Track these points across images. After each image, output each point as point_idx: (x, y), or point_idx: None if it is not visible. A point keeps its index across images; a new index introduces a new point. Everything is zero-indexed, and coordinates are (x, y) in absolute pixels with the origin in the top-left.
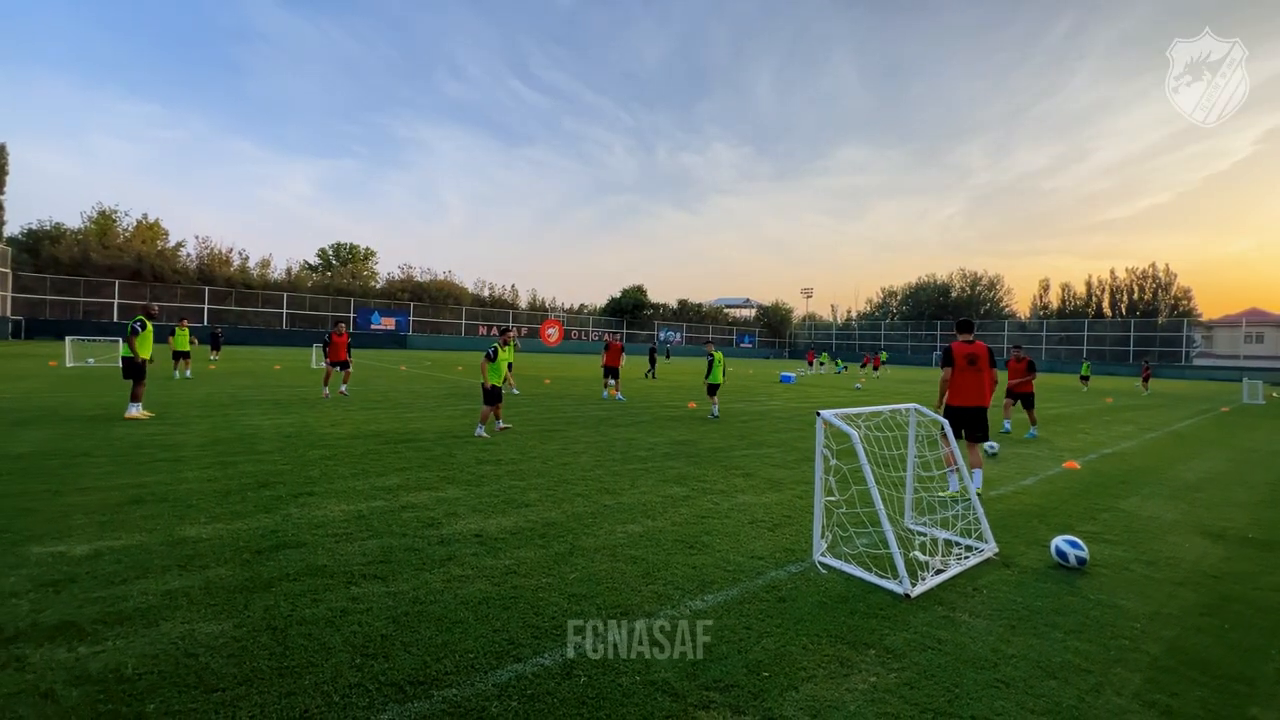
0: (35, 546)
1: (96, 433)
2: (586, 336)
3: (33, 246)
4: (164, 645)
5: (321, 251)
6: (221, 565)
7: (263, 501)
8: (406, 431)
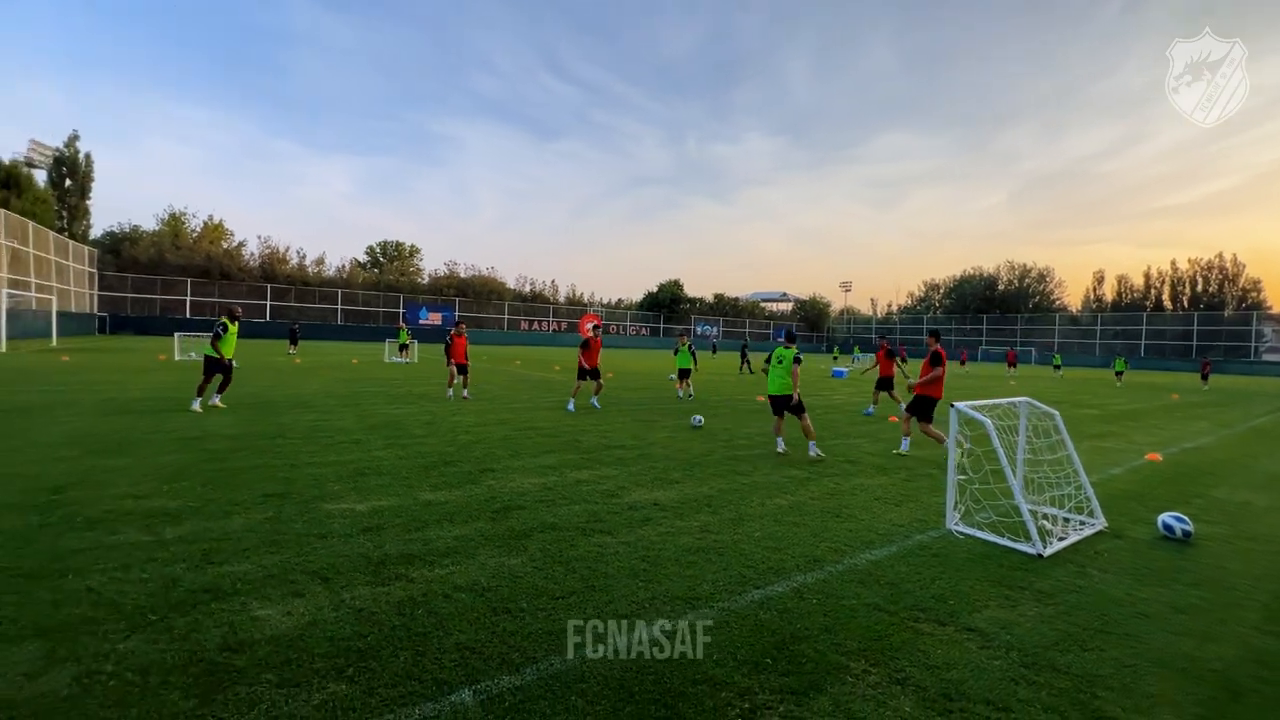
0: (327, 504)
1: (268, 419)
2: (624, 331)
3: (114, 248)
4: (491, 569)
5: (370, 249)
6: (477, 520)
7: (460, 475)
8: (523, 421)
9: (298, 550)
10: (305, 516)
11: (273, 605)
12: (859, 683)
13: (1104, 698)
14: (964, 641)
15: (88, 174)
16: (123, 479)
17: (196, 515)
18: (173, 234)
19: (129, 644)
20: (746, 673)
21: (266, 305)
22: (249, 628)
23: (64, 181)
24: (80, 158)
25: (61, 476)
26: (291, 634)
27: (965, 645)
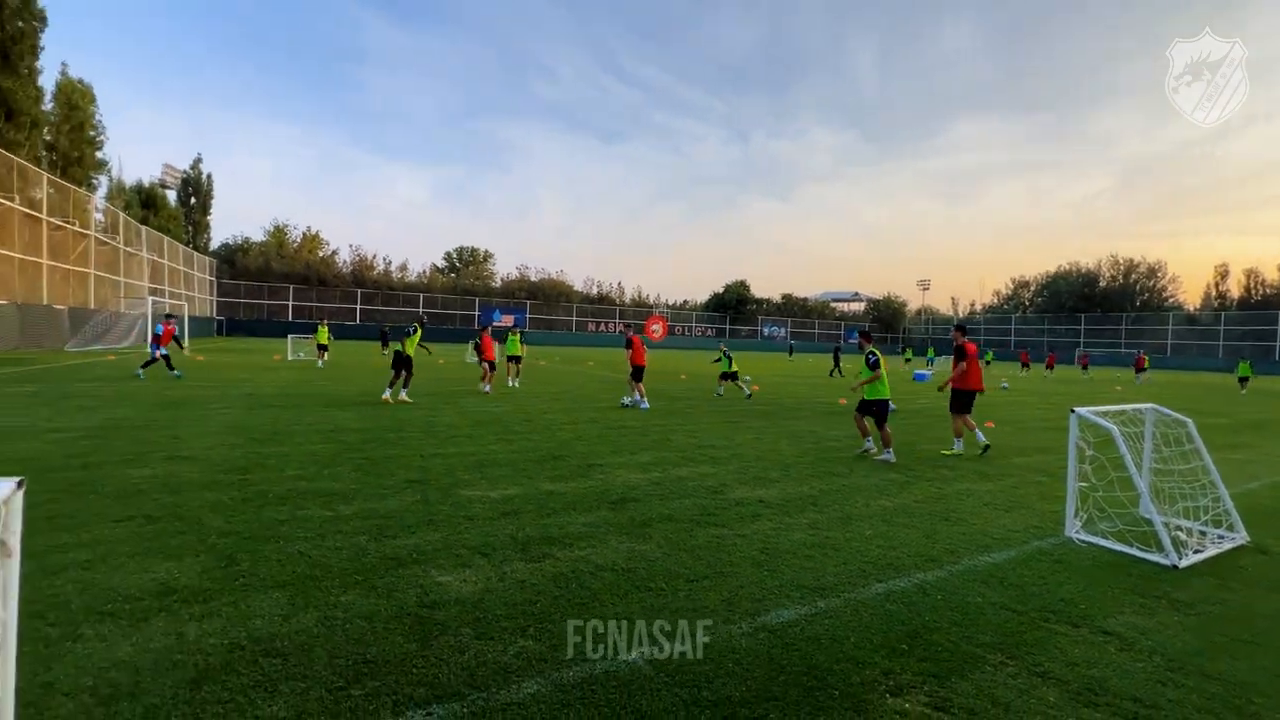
0: (463, 491)
1: (385, 414)
2: (690, 332)
3: (229, 258)
4: (624, 553)
5: (447, 254)
6: (599, 510)
7: (571, 469)
8: (611, 420)
9: (452, 529)
10: (449, 501)
11: (448, 574)
12: (998, 672)
13: (1260, 704)
14: (1102, 644)
15: (208, 192)
16: (288, 464)
17: (359, 496)
18: (277, 244)
19: (348, 597)
20: (885, 655)
21: (356, 309)
22: (436, 590)
23: (190, 199)
24: (203, 178)
25: (240, 460)
26: (472, 598)
27: (1104, 647)
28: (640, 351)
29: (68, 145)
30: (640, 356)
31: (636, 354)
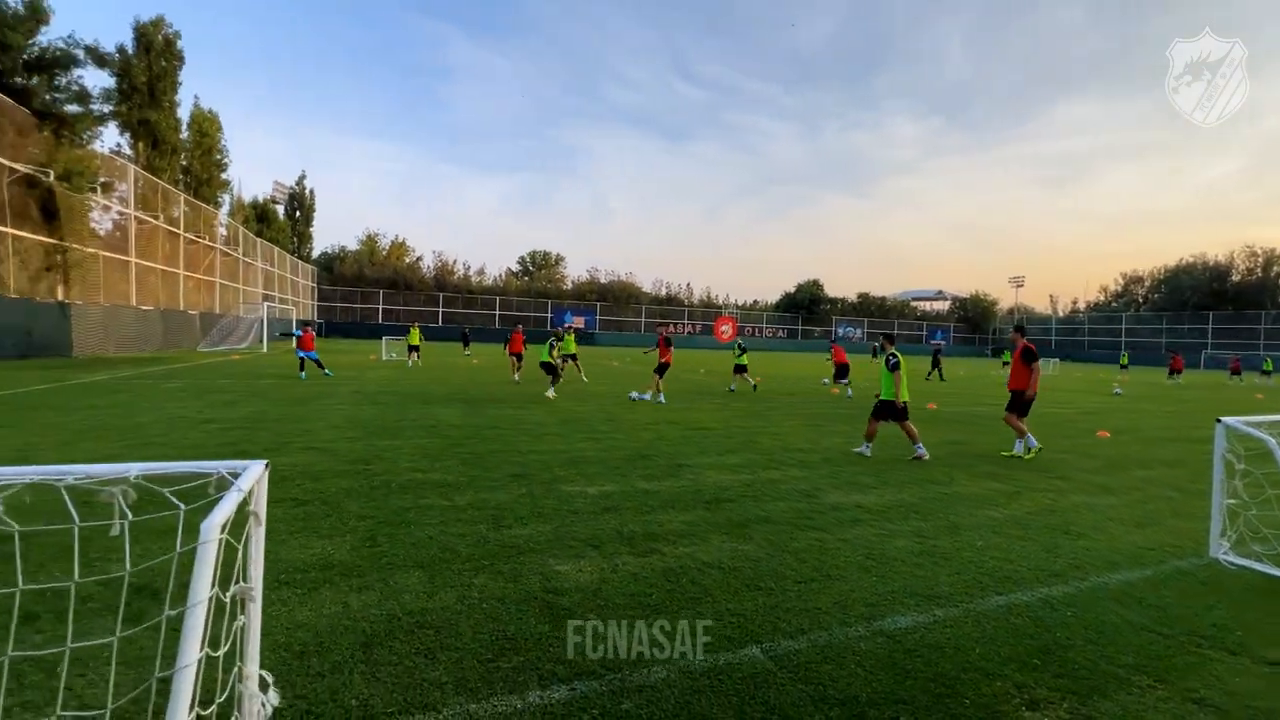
0: (564, 486)
1: (479, 412)
2: (760, 333)
3: (328, 265)
4: (728, 552)
5: (521, 259)
6: (696, 509)
7: (661, 469)
8: (692, 421)
9: (561, 522)
10: (552, 495)
11: (564, 563)
12: (1146, 695)
13: None
14: (1268, 674)
15: (311, 205)
16: (401, 456)
17: (470, 488)
18: (369, 252)
19: (479, 580)
20: (1016, 669)
21: (439, 312)
22: (557, 578)
23: (295, 213)
24: (306, 193)
25: (361, 452)
26: (591, 586)
27: (1271, 678)
28: (666, 350)
29: (199, 168)
30: (667, 355)
31: (663, 352)
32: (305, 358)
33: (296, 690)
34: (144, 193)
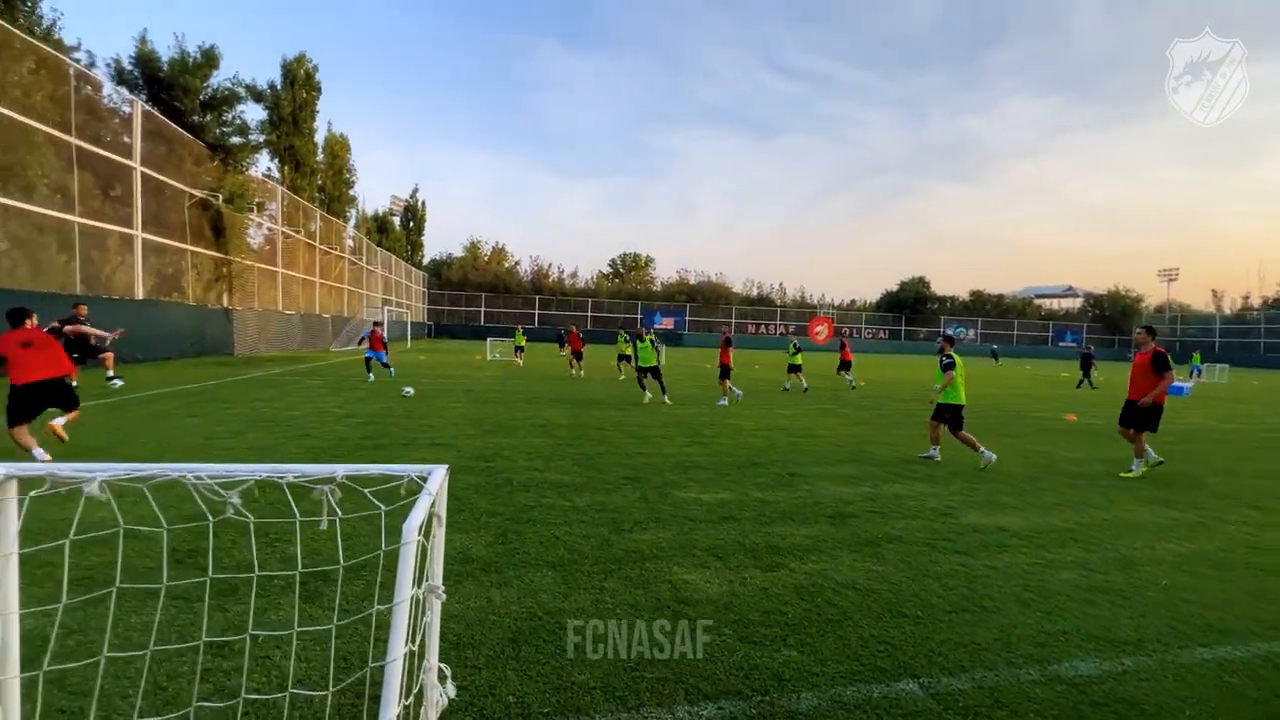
0: (677, 491)
1: (584, 413)
2: (859, 335)
3: (437, 271)
4: (862, 572)
5: (612, 261)
6: (818, 523)
7: (773, 478)
8: (799, 427)
9: (679, 529)
10: (667, 501)
11: (690, 572)
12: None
13: None
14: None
15: (422, 216)
16: (518, 455)
17: (587, 489)
18: (472, 258)
19: (610, 584)
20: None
21: (535, 314)
22: (685, 588)
23: (409, 223)
24: (419, 204)
25: (481, 449)
26: (722, 599)
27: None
28: (726, 352)
29: (331, 186)
30: (726, 356)
31: (724, 353)
32: (372, 358)
33: (458, 682)
34: (288, 210)
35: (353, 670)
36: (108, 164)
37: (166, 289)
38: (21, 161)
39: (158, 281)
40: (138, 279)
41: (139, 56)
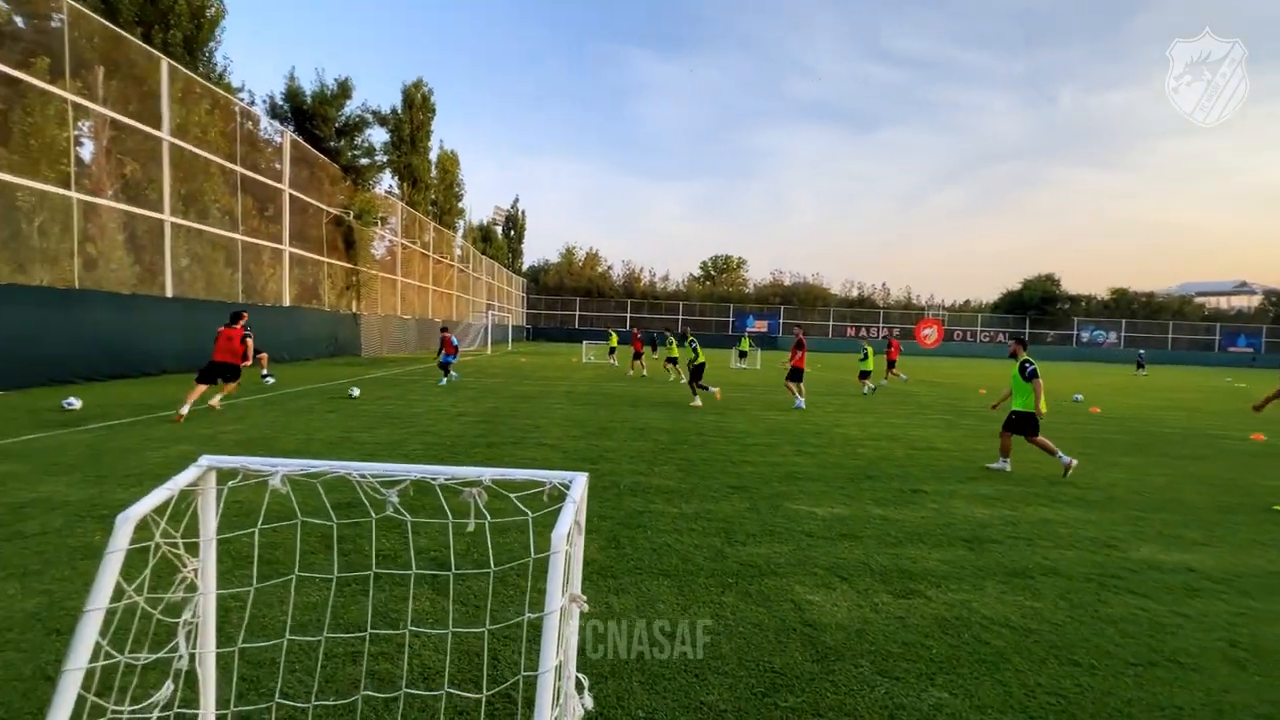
0: (788, 504)
1: (681, 417)
2: (974, 338)
3: (535, 277)
4: (1013, 607)
5: (703, 264)
6: (953, 547)
7: (892, 492)
8: (915, 438)
9: (796, 544)
10: (778, 513)
11: (814, 593)
12: None
13: None
14: None
15: (522, 225)
16: (621, 458)
17: (693, 496)
18: (567, 264)
19: (729, 599)
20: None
21: (627, 317)
22: (811, 610)
23: (510, 232)
24: (519, 214)
25: (585, 451)
26: (853, 625)
27: None
28: (798, 354)
29: (442, 200)
30: (799, 359)
31: (796, 356)
32: (445, 362)
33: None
34: (406, 223)
35: (472, 663)
36: (263, 188)
37: (307, 297)
38: (200, 189)
39: (300, 290)
40: (285, 288)
41: (288, 92)
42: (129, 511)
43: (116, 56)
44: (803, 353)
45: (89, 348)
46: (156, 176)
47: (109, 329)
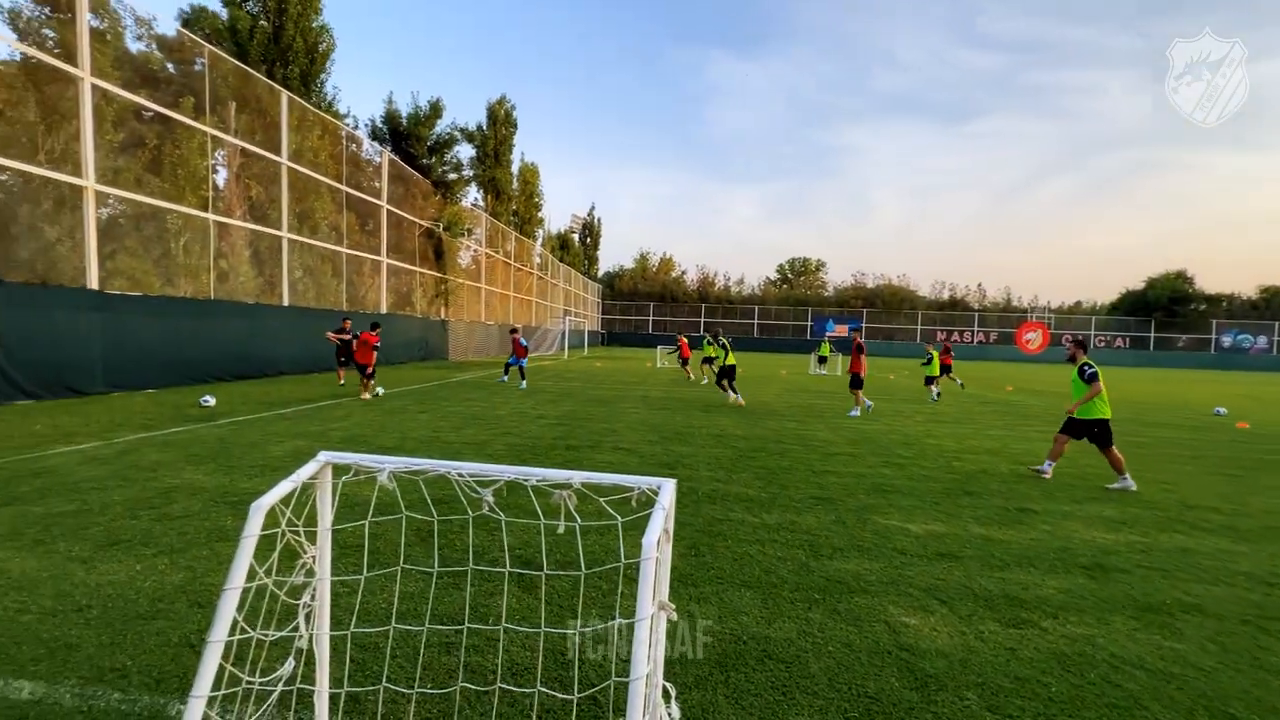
0: (877, 518)
1: (758, 424)
2: (1089, 342)
3: (610, 283)
4: (1150, 648)
5: (780, 267)
6: (1069, 573)
7: (996, 510)
8: (1019, 452)
9: (888, 562)
10: (867, 528)
11: (910, 615)
12: None
13: None
14: None
15: (598, 232)
16: (698, 463)
17: (775, 506)
18: (641, 270)
19: (816, 615)
20: None
21: (701, 322)
22: (906, 632)
23: (586, 240)
24: (595, 222)
25: (662, 456)
26: (956, 654)
27: None
28: (859, 361)
29: (523, 210)
30: (859, 365)
31: (855, 363)
32: (514, 364)
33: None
34: (490, 234)
35: (558, 662)
36: (365, 204)
37: (401, 304)
38: (312, 208)
39: (395, 298)
40: (383, 296)
41: (387, 115)
42: (260, 501)
43: (246, 92)
44: (863, 356)
45: (221, 352)
46: (276, 197)
47: (236, 335)
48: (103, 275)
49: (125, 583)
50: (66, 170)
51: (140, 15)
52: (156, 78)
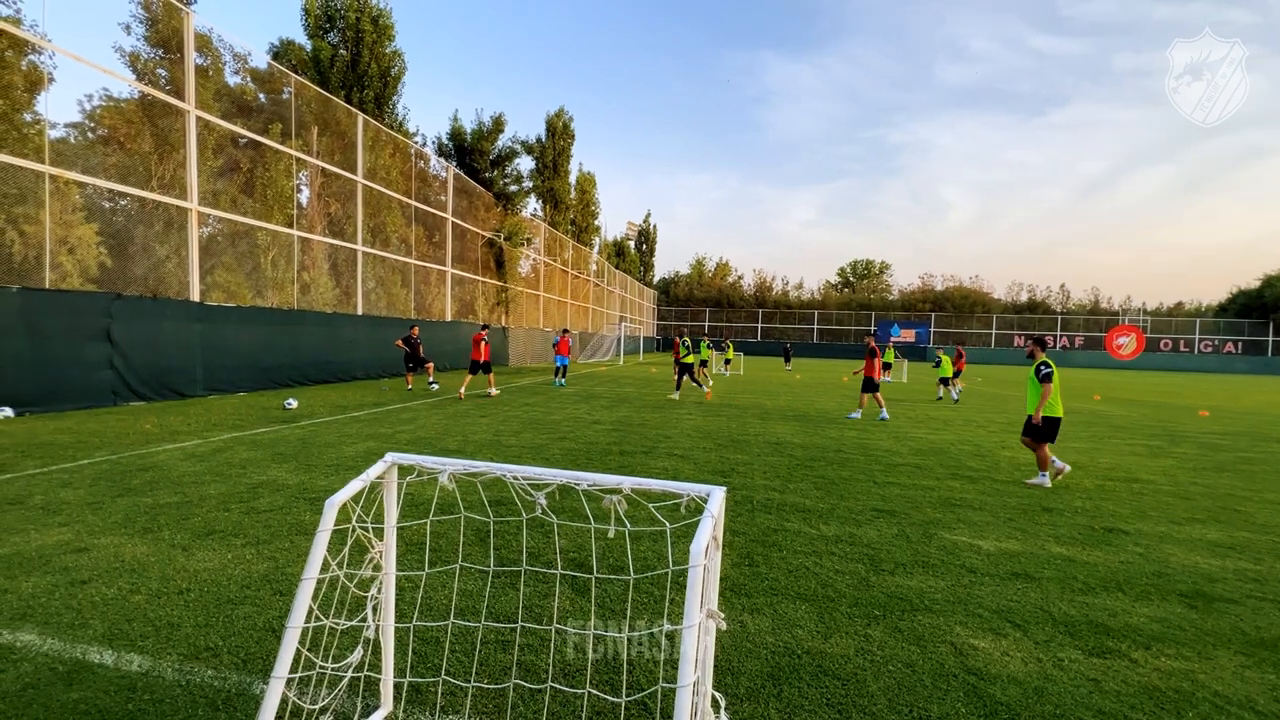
0: (944, 533)
1: (818, 432)
2: (1188, 347)
3: (665, 289)
4: (1262, 689)
5: (841, 270)
6: (1165, 601)
7: (1078, 529)
8: (1106, 467)
9: (955, 580)
10: (933, 543)
11: (979, 638)
12: None
13: None
14: None
15: (654, 239)
16: (754, 472)
17: (833, 518)
18: (697, 275)
19: (875, 632)
20: None
21: (758, 328)
22: (974, 656)
23: (642, 246)
24: (651, 229)
25: (717, 463)
26: (1030, 682)
27: None
28: (872, 365)
29: (580, 219)
30: (873, 369)
31: (869, 366)
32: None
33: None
34: (548, 243)
35: (608, 665)
36: (431, 217)
37: (464, 312)
38: (383, 222)
39: (459, 306)
40: (447, 305)
41: (452, 132)
42: (334, 498)
43: (326, 116)
44: (877, 360)
45: (302, 358)
46: (352, 213)
47: (316, 342)
48: (203, 288)
49: (218, 569)
50: (174, 194)
51: (237, 51)
52: (250, 107)
